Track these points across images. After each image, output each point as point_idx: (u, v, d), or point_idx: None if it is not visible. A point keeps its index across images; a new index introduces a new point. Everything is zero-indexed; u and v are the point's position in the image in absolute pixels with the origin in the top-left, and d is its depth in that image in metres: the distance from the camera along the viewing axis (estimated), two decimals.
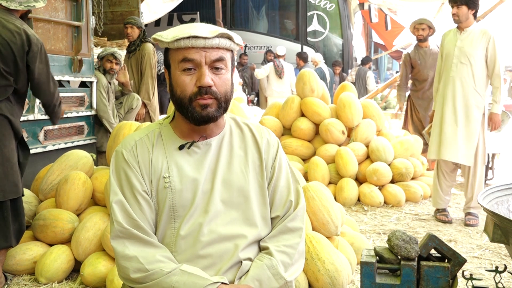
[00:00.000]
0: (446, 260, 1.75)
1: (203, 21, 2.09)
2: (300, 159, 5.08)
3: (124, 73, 4.91)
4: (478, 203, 1.96)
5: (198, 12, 13.31)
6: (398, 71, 6.85)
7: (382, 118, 5.40)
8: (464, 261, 1.73)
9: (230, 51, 1.48)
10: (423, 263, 1.73)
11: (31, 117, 3.82)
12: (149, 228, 1.45)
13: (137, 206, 1.44)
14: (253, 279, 1.42)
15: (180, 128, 1.51)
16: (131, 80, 5.12)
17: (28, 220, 3.15)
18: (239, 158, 1.53)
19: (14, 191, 2.74)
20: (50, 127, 4.07)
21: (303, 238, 1.54)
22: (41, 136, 4.01)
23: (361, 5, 14.11)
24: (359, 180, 4.99)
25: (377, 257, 1.79)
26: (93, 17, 5.72)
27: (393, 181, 4.94)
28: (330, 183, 4.89)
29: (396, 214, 4.50)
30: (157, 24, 12.08)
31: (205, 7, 13.72)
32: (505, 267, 1.83)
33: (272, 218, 1.54)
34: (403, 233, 1.75)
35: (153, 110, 5.31)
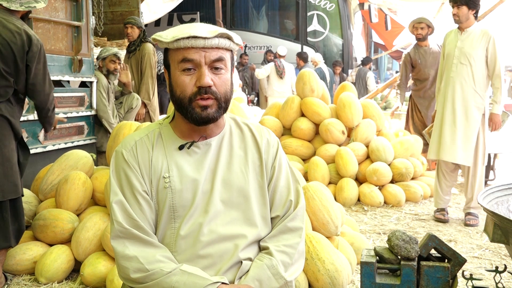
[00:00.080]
0: (446, 260, 1.75)
1: (203, 21, 2.09)
2: (300, 159, 5.07)
3: (126, 73, 4.91)
4: (478, 203, 1.96)
5: (198, 12, 13.32)
6: (398, 71, 6.84)
7: (382, 118, 5.40)
8: (464, 261, 1.73)
9: (230, 51, 1.48)
10: (423, 263, 1.73)
11: (31, 117, 3.81)
12: (149, 228, 1.45)
13: (137, 206, 1.44)
14: (253, 279, 1.42)
15: (180, 128, 1.51)
16: (132, 81, 5.12)
17: (28, 220, 3.15)
18: (239, 158, 1.53)
19: (14, 191, 2.74)
20: None
21: (303, 238, 1.54)
22: (41, 136, 4.00)
23: (361, 5, 14.11)
24: (359, 180, 4.99)
25: (377, 257, 1.79)
26: (93, 17, 5.73)
27: (393, 181, 4.94)
28: (330, 183, 4.89)
29: (396, 214, 4.50)
30: (157, 24, 12.08)
31: (205, 7, 13.73)
32: (505, 267, 1.83)
33: (272, 218, 1.55)
34: (403, 233, 1.75)
35: (153, 110, 5.31)
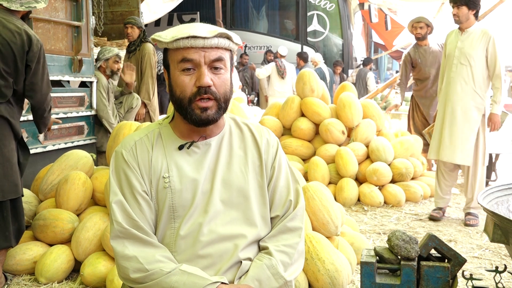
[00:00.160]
0: (446, 260, 1.75)
1: (203, 21, 2.09)
2: (300, 159, 5.07)
3: (131, 74, 4.91)
4: (478, 203, 1.96)
5: (198, 12, 13.32)
6: (398, 71, 6.84)
7: (382, 118, 5.40)
8: (464, 261, 1.73)
9: (229, 51, 1.48)
10: (423, 263, 1.73)
11: (31, 117, 3.80)
12: (148, 228, 1.45)
13: (136, 206, 1.44)
14: (252, 279, 1.42)
15: (180, 128, 1.51)
16: (135, 82, 5.13)
17: (28, 220, 3.15)
18: (238, 158, 1.53)
19: (14, 191, 2.74)
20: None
21: (302, 238, 1.54)
22: (41, 136, 4.00)
23: (361, 5, 14.11)
24: (359, 180, 4.99)
25: (377, 257, 1.79)
26: (93, 17, 5.73)
27: (393, 181, 4.94)
28: (330, 183, 4.89)
29: (396, 214, 4.50)
30: (157, 24, 12.09)
31: (205, 7, 13.72)
32: (505, 267, 1.83)
33: (271, 218, 1.55)
34: (403, 233, 1.75)
35: (153, 110, 5.31)
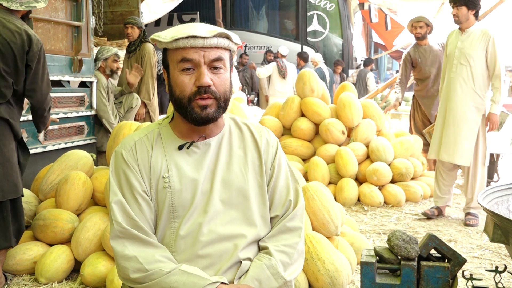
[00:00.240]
0: (446, 260, 1.75)
1: (203, 21, 2.09)
2: (300, 159, 5.07)
3: (136, 76, 4.91)
4: (478, 203, 1.96)
5: (198, 12, 13.32)
6: (398, 70, 6.83)
7: (382, 118, 5.40)
8: (464, 261, 1.73)
9: (229, 51, 1.48)
10: (423, 263, 1.73)
11: (31, 117, 3.81)
12: (148, 228, 1.45)
13: (136, 206, 1.44)
14: (252, 278, 1.42)
15: (179, 128, 1.51)
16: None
17: (28, 220, 3.15)
18: (238, 158, 1.53)
19: (14, 191, 2.74)
20: (50, 127, 4.07)
21: (302, 238, 1.54)
22: (41, 136, 4.00)
23: (361, 5, 14.10)
24: (359, 180, 4.99)
25: (377, 257, 1.79)
26: (93, 17, 5.73)
27: (393, 181, 4.93)
28: (330, 183, 4.89)
29: (396, 214, 4.50)
30: (157, 24, 12.08)
31: (205, 7, 13.72)
32: (505, 267, 1.82)
33: (271, 218, 1.54)
34: (403, 233, 1.75)
35: (153, 110, 5.31)
